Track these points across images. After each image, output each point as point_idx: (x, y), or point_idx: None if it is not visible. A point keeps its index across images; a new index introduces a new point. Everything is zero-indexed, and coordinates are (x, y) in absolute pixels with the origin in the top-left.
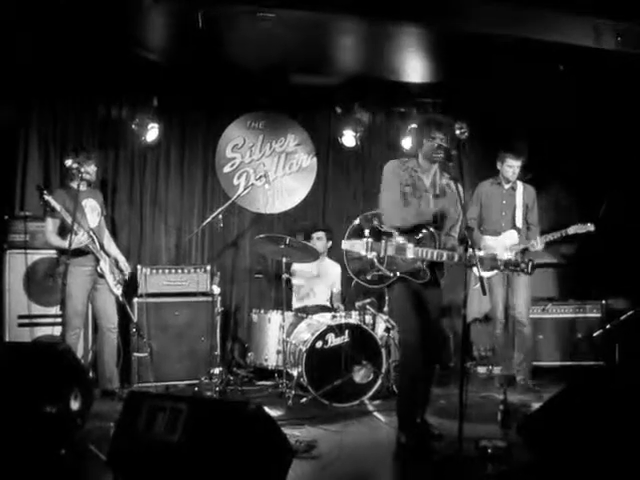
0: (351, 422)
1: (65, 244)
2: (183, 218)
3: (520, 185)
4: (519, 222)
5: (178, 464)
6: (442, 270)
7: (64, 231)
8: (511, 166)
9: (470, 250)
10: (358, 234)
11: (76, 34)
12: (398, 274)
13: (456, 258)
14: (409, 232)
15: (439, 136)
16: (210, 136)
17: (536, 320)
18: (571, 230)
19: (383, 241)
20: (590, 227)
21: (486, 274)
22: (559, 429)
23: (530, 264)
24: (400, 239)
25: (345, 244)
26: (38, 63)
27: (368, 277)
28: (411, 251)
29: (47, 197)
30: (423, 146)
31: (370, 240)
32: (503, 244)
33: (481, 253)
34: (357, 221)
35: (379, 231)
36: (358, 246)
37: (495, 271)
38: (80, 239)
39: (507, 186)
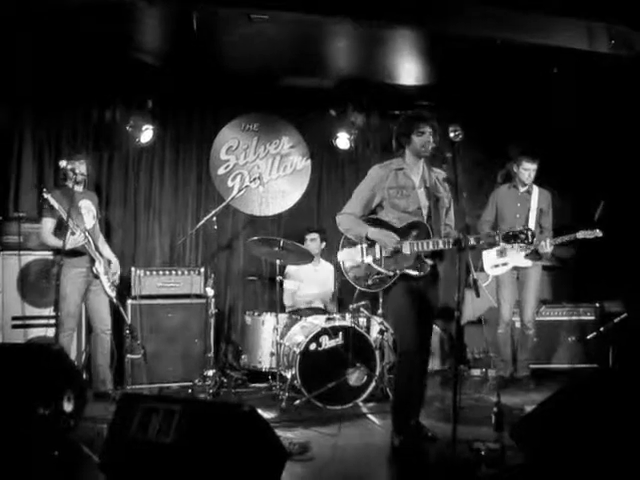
0: (345, 424)
1: (61, 244)
2: (177, 220)
3: (536, 189)
4: (532, 225)
5: (171, 466)
6: (442, 259)
7: (60, 231)
8: (527, 169)
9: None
10: (351, 243)
11: (71, 36)
12: (399, 272)
13: (452, 242)
14: (403, 229)
15: (428, 130)
16: (204, 138)
17: None
18: (580, 235)
19: (377, 244)
20: (598, 233)
21: (494, 272)
22: (552, 432)
23: (529, 233)
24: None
25: (341, 255)
26: (32, 65)
27: (369, 282)
28: (407, 247)
29: (46, 195)
30: (412, 142)
31: (365, 245)
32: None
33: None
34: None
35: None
36: (354, 253)
37: (503, 269)
38: (77, 239)
39: (523, 189)
